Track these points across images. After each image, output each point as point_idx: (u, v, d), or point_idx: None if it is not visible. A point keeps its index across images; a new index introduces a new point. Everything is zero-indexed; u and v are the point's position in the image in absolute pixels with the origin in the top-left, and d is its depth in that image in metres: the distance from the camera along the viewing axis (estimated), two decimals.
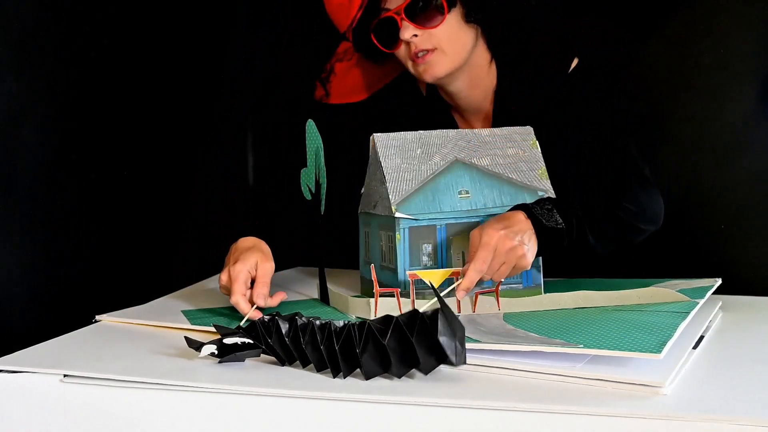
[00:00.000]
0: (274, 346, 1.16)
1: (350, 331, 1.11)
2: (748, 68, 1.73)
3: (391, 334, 1.09)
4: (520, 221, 1.37)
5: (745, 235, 1.75)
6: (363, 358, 1.10)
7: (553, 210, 1.40)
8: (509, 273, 1.35)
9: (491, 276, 1.34)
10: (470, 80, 1.62)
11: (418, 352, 1.08)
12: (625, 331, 1.17)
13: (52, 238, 1.72)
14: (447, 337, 1.08)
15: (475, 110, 1.66)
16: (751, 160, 1.73)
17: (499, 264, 1.33)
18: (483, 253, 1.32)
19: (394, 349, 1.09)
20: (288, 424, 1.05)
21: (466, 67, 1.59)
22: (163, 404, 1.10)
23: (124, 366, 1.16)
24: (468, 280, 1.32)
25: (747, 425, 0.92)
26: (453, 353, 1.08)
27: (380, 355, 1.10)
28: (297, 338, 1.15)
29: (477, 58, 1.60)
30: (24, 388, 1.14)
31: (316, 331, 1.14)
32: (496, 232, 1.33)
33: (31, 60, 1.65)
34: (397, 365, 1.09)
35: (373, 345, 1.10)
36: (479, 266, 1.31)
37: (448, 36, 1.55)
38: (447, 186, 1.44)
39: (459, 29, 1.56)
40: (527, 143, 1.50)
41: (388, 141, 1.47)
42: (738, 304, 1.49)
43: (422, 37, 1.54)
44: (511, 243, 1.33)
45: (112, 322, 1.42)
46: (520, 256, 1.34)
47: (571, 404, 0.99)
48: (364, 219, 1.54)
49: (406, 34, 1.54)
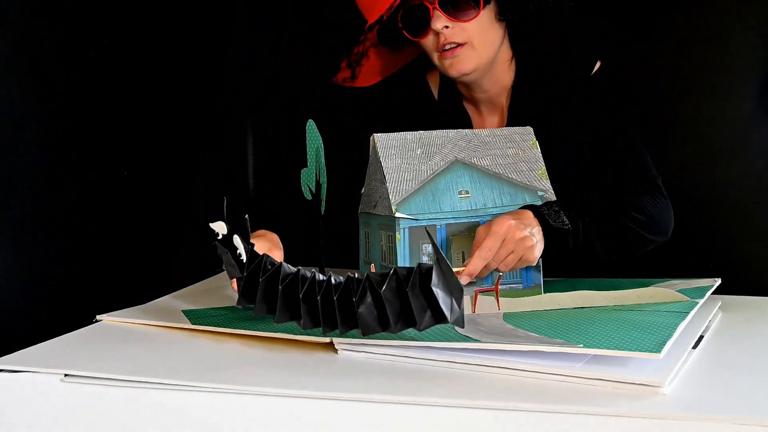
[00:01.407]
0: (258, 288, 1.13)
1: (348, 283, 1.08)
2: (749, 68, 1.73)
3: (387, 284, 1.07)
4: (530, 217, 1.38)
5: (745, 235, 1.76)
6: (360, 309, 1.07)
7: (560, 212, 1.40)
8: (515, 265, 1.35)
9: (497, 265, 1.34)
10: (491, 76, 1.61)
11: (413, 304, 1.06)
12: (625, 331, 1.17)
13: (52, 238, 1.72)
14: (442, 291, 1.06)
15: (491, 104, 1.66)
16: (751, 160, 1.74)
17: (507, 252, 1.33)
18: (490, 241, 1.32)
19: (391, 301, 1.07)
20: (288, 424, 1.05)
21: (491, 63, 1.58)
22: (163, 404, 1.10)
23: (124, 366, 1.16)
24: (472, 266, 1.32)
25: (747, 425, 0.92)
26: (448, 308, 1.06)
27: (378, 309, 1.08)
28: (294, 287, 1.11)
29: (501, 55, 1.60)
30: (24, 388, 1.14)
31: (315, 283, 1.10)
32: (507, 221, 1.33)
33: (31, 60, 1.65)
34: (394, 319, 1.07)
35: (371, 296, 1.08)
36: (485, 254, 1.31)
37: (479, 31, 1.53)
38: (447, 186, 1.44)
39: (491, 26, 1.55)
40: (527, 143, 1.50)
41: (388, 141, 1.47)
42: (737, 304, 1.49)
43: (453, 30, 1.52)
44: (522, 233, 1.33)
45: (112, 322, 1.42)
46: (528, 246, 1.34)
47: (571, 404, 0.99)
48: (364, 219, 1.54)
49: (438, 24, 1.51)
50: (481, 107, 1.67)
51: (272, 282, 1.13)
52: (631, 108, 1.60)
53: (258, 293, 1.14)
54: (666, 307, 1.32)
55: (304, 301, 1.11)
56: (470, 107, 1.69)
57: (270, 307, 1.14)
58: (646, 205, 1.50)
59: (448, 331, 1.23)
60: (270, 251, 1.42)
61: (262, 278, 1.14)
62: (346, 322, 1.09)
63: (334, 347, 1.22)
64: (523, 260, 1.35)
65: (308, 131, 1.42)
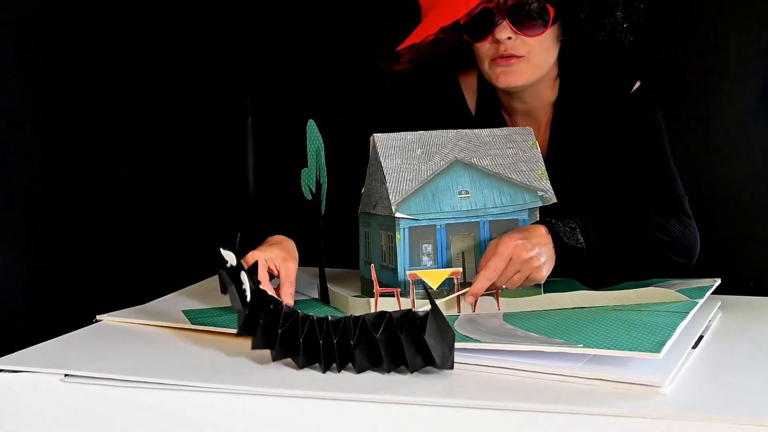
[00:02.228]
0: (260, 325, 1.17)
1: (346, 324, 1.13)
2: (748, 69, 1.73)
3: (383, 329, 1.11)
4: (541, 234, 1.37)
5: (745, 235, 1.76)
6: (356, 351, 1.12)
7: (576, 229, 1.40)
8: (523, 283, 1.36)
9: (504, 283, 1.34)
10: (536, 90, 1.60)
11: (405, 349, 1.10)
12: (625, 331, 1.17)
13: (52, 238, 1.72)
14: (435, 340, 1.10)
15: (528, 117, 1.65)
16: (751, 160, 1.73)
17: (513, 272, 1.34)
18: (496, 262, 1.32)
19: (384, 343, 1.11)
20: (288, 424, 1.05)
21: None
22: (163, 404, 1.10)
23: (124, 366, 1.16)
24: (477, 286, 1.33)
25: (747, 425, 0.92)
26: (439, 357, 1.10)
27: (371, 349, 1.12)
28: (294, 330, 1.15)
29: (549, 72, 1.59)
30: (24, 388, 1.14)
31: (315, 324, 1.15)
32: (513, 241, 1.33)
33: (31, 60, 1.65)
34: (387, 361, 1.11)
35: (366, 339, 1.12)
36: (489, 274, 1.32)
37: (540, 48, 1.51)
38: (447, 186, 1.44)
39: (551, 44, 1.54)
40: (527, 143, 1.50)
41: (388, 141, 1.47)
42: (737, 304, 1.49)
43: (515, 42, 1.49)
44: (528, 254, 1.33)
45: (112, 322, 1.42)
46: (535, 267, 1.34)
47: (571, 404, 0.99)
48: (364, 219, 1.54)
49: (502, 33, 1.49)
50: (518, 119, 1.66)
51: (273, 323, 1.18)
52: (663, 127, 1.59)
53: (258, 330, 1.18)
54: (666, 307, 1.32)
55: (305, 343, 1.16)
56: (507, 118, 1.67)
57: (269, 344, 1.18)
58: (672, 226, 1.49)
59: None
60: (285, 261, 1.42)
61: (262, 320, 1.18)
62: (343, 361, 1.14)
63: None
64: (530, 279, 1.36)
65: (308, 131, 1.42)
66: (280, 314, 1.17)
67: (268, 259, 1.42)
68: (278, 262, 1.42)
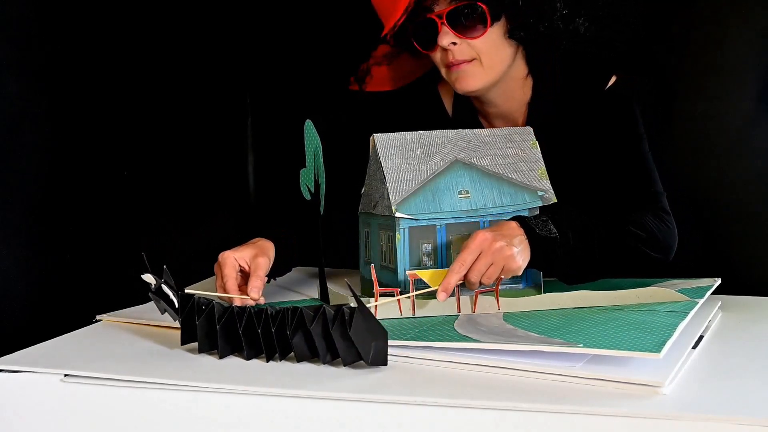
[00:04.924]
0: (197, 327, 1.21)
1: (284, 315, 1.17)
2: (748, 68, 1.73)
3: (315, 323, 1.15)
4: (511, 227, 1.37)
5: (745, 235, 1.75)
6: (294, 340, 1.16)
7: (548, 221, 1.39)
8: (500, 275, 1.34)
9: (479, 278, 1.33)
10: (505, 92, 1.61)
11: (337, 343, 1.14)
12: (625, 331, 1.17)
13: (53, 238, 1.72)
14: (360, 337, 1.13)
15: (505, 120, 1.65)
16: (751, 161, 1.73)
17: (486, 265, 1.32)
18: (463, 255, 1.32)
19: (319, 336, 1.15)
20: (288, 424, 1.05)
21: (502, 80, 1.58)
22: (163, 404, 1.10)
23: (124, 366, 1.16)
24: (446, 281, 1.31)
25: (747, 425, 0.92)
26: (366, 353, 1.13)
27: (308, 342, 1.17)
28: (232, 323, 1.19)
29: (514, 72, 1.59)
30: (24, 388, 1.14)
31: (253, 317, 1.19)
32: (482, 235, 1.33)
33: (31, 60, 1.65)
34: (323, 353, 1.16)
35: (302, 331, 1.16)
36: (457, 267, 1.31)
37: (487, 49, 1.52)
38: (447, 186, 1.44)
39: (500, 43, 1.54)
40: (527, 143, 1.50)
41: (388, 141, 1.47)
42: (738, 304, 1.49)
43: (460, 47, 1.51)
44: (498, 244, 1.32)
45: (112, 322, 1.42)
46: (507, 256, 1.33)
47: (571, 404, 0.99)
48: (364, 219, 1.54)
49: (444, 40, 1.51)
50: (495, 122, 1.67)
51: (210, 321, 1.21)
52: (640, 123, 1.59)
53: (198, 332, 1.21)
54: (666, 307, 1.32)
55: (245, 334, 1.19)
56: (485, 122, 1.68)
57: (213, 343, 1.21)
58: (647, 221, 1.48)
59: (448, 331, 1.23)
60: (255, 257, 1.42)
61: (198, 320, 1.21)
62: (285, 351, 1.18)
63: None
64: (506, 270, 1.34)
65: (306, 131, 1.42)
66: (213, 312, 1.20)
67: (239, 258, 1.42)
68: (248, 259, 1.42)
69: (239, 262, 1.42)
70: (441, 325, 1.28)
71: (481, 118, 1.68)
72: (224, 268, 1.40)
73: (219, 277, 1.41)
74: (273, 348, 1.18)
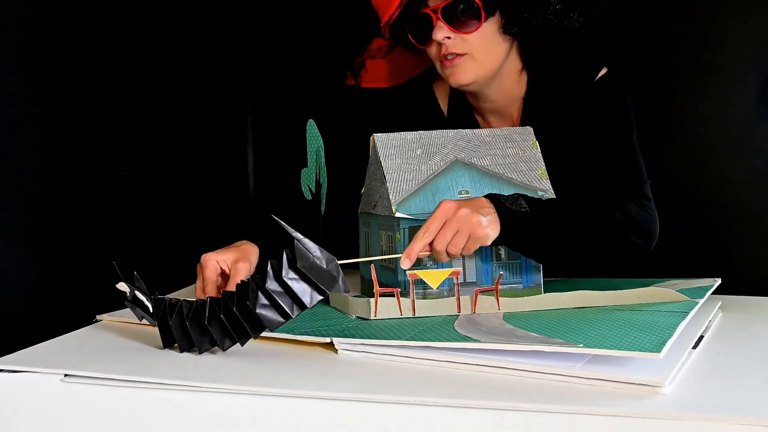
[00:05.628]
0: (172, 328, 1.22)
1: (240, 290, 1.19)
2: (748, 68, 1.73)
3: (268, 279, 1.17)
4: (480, 200, 1.36)
5: (745, 235, 1.76)
6: (258, 311, 1.17)
7: (520, 198, 1.38)
8: (468, 245, 1.32)
9: (445, 246, 1.31)
10: (499, 87, 1.61)
11: (294, 285, 1.17)
12: (625, 331, 1.17)
13: (52, 238, 1.72)
14: (297, 283, 1.16)
15: (500, 116, 1.66)
16: (751, 160, 1.74)
17: (452, 232, 1.30)
18: (427, 222, 1.31)
19: (278, 292, 1.17)
20: (288, 424, 1.05)
21: (496, 75, 1.59)
22: (163, 404, 1.10)
23: (124, 366, 1.16)
24: (409, 249, 1.30)
25: (747, 425, 0.92)
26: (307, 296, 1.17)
27: (274, 304, 1.18)
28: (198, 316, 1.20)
29: (508, 67, 1.60)
30: (24, 388, 1.14)
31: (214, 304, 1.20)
32: (447, 203, 1.32)
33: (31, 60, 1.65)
34: (289, 307, 1.18)
35: (262, 295, 1.18)
36: (420, 234, 1.30)
37: (481, 43, 1.54)
38: (447, 186, 1.44)
39: (494, 39, 1.55)
40: (527, 143, 1.50)
41: (388, 141, 1.47)
42: (738, 304, 1.49)
43: (454, 41, 1.53)
44: (463, 210, 1.30)
45: (112, 321, 1.43)
46: (474, 222, 1.30)
47: (571, 404, 0.99)
48: (364, 219, 1.54)
49: (438, 34, 1.53)
50: (489, 118, 1.67)
51: (182, 319, 1.22)
52: (629, 115, 1.59)
53: (175, 333, 1.22)
54: (666, 307, 1.32)
55: (211, 324, 1.20)
56: (480, 118, 1.69)
57: (191, 342, 1.22)
58: (627, 206, 1.48)
59: (448, 331, 1.23)
60: (236, 261, 1.42)
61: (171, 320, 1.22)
62: (256, 327, 1.19)
63: (334, 347, 1.22)
64: (473, 238, 1.31)
65: (308, 131, 1.42)
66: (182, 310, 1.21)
67: (221, 260, 1.42)
68: (230, 263, 1.42)
69: (221, 265, 1.42)
70: (441, 325, 1.28)
71: (477, 114, 1.69)
72: (205, 270, 1.41)
73: (200, 278, 1.42)
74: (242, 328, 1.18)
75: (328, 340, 1.23)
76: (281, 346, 1.25)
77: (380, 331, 1.26)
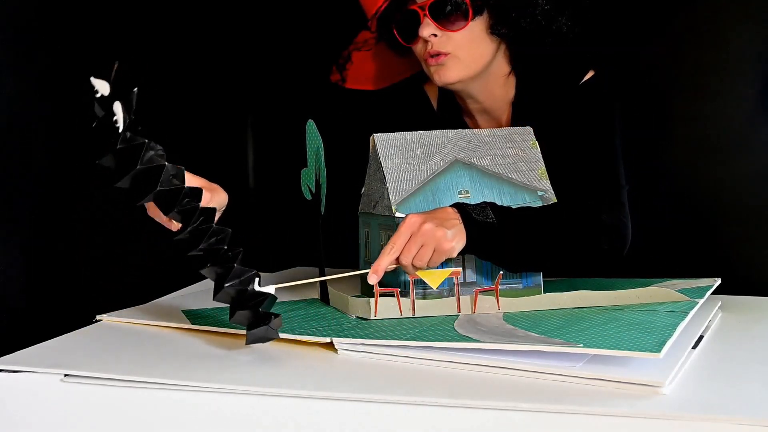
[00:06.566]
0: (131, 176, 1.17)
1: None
2: (748, 68, 1.73)
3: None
4: (446, 212, 1.36)
5: (745, 235, 1.76)
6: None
7: (487, 208, 1.38)
8: (434, 258, 1.33)
9: (410, 260, 1.32)
10: (485, 88, 1.61)
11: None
12: (625, 331, 1.17)
13: (53, 238, 1.72)
14: None
15: (489, 117, 1.65)
16: (751, 160, 1.74)
17: (417, 246, 1.31)
18: (393, 237, 1.32)
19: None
20: (287, 423, 1.05)
21: (482, 76, 1.58)
22: (163, 404, 1.10)
23: (124, 366, 1.16)
24: (376, 264, 1.31)
25: (747, 425, 0.92)
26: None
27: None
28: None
29: (495, 69, 1.59)
30: (24, 388, 1.14)
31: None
32: (412, 218, 1.33)
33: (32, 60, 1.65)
34: None
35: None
36: (387, 250, 1.31)
37: (467, 42, 1.53)
38: (447, 186, 1.44)
39: (480, 38, 1.54)
40: (527, 143, 1.50)
41: (388, 141, 1.47)
42: (738, 304, 1.49)
43: (440, 39, 1.52)
44: (428, 225, 1.31)
45: (112, 321, 1.42)
46: (438, 237, 1.31)
47: (571, 404, 0.99)
48: (364, 219, 1.54)
49: (425, 31, 1.52)
50: (478, 118, 1.67)
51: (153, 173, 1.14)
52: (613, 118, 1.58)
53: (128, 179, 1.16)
54: (666, 307, 1.32)
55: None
56: (468, 119, 1.69)
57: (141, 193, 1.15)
58: (602, 212, 1.48)
59: (448, 331, 1.23)
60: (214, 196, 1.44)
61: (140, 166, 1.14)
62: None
63: (334, 347, 1.22)
64: (439, 251, 1.32)
65: (308, 131, 1.42)
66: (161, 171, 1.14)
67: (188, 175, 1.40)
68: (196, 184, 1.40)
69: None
70: (441, 325, 1.28)
71: (465, 115, 1.69)
72: None
73: None
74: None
75: (328, 340, 1.23)
76: (281, 346, 1.25)
77: (380, 331, 1.26)
